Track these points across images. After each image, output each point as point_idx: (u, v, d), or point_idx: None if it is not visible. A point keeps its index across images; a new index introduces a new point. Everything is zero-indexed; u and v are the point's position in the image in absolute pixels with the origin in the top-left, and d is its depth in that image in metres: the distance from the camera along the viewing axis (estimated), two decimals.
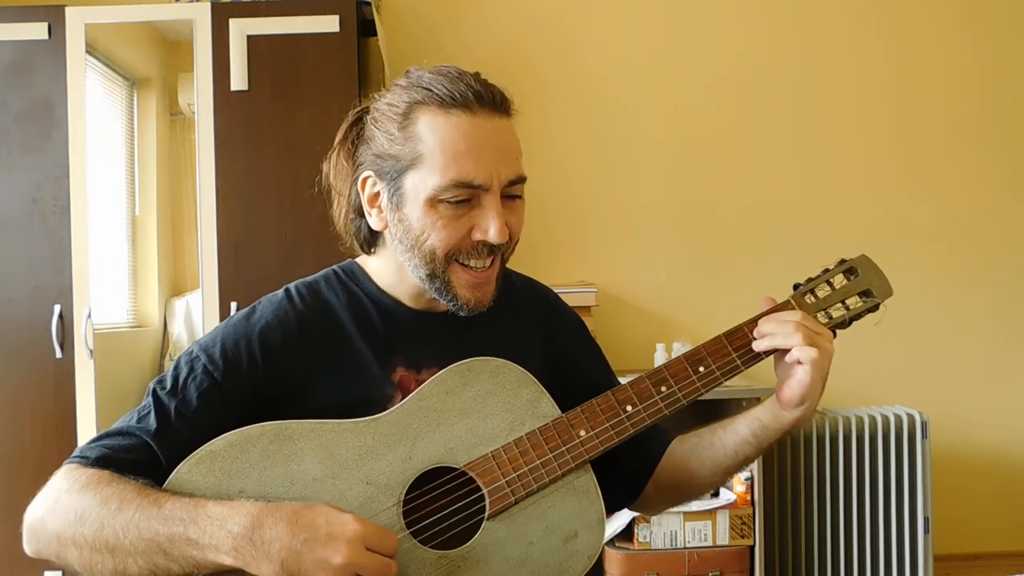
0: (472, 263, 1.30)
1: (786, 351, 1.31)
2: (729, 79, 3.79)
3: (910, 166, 3.82)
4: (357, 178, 1.35)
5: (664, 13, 3.79)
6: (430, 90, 1.28)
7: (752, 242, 3.77)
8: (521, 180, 1.32)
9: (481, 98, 1.28)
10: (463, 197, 1.27)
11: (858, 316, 1.39)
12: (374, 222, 1.34)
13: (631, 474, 1.48)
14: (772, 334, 1.31)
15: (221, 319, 3.13)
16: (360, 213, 1.37)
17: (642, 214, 3.78)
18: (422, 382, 1.30)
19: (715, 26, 3.80)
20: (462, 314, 1.33)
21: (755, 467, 3.12)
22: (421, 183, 1.27)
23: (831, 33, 3.81)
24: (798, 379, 1.29)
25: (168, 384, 1.30)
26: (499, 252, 1.32)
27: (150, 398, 1.29)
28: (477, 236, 1.29)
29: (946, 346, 3.80)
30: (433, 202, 1.27)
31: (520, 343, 1.43)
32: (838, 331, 1.38)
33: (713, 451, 1.44)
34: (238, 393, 1.29)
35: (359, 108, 1.40)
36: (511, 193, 1.31)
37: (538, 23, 3.76)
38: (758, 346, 1.32)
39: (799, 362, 1.29)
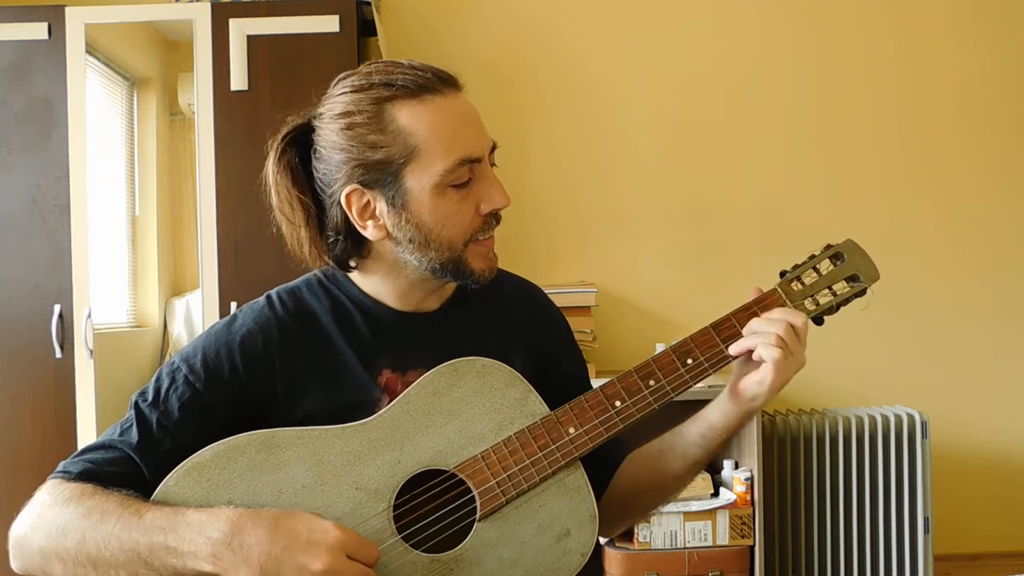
0: (482, 236, 1.31)
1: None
2: (729, 78, 3.79)
3: (910, 167, 3.81)
4: (335, 198, 1.30)
5: (663, 13, 3.79)
6: (392, 85, 1.27)
7: (753, 242, 3.76)
8: (496, 146, 1.34)
9: (441, 79, 1.29)
10: (467, 176, 1.28)
11: (845, 301, 1.37)
12: (371, 233, 1.30)
13: (593, 481, 1.47)
14: (755, 333, 1.30)
15: (221, 319, 3.13)
16: (340, 232, 1.32)
17: (642, 214, 3.77)
18: (408, 384, 1.29)
19: (714, 25, 3.79)
20: (474, 287, 1.34)
21: (755, 467, 3.12)
22: (424, 174, 1.26)
23: (833, 30, 3.80)
24: (760, 375, 1.28)
25: (150, 396, 1.29)
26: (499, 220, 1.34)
27: (132, 411, 1.28)
28: (485, 208, 1.30)
29: (946, 346, 3.79)
30: (440, 189, 1.27)
31: (506, 341, 1.42)
32: (826, 317, 1.37)
33: (662, 457, 1.43)
34: (220, 403, 1.28)
35: (283, 135, 1.34)
36: (491, 161, 1.34)
37: (538, 23, 3.76)
38: (734, 349, 1.31)
39: (764, 360, 1.27)
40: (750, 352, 1.30)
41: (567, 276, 3.67)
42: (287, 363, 1.31)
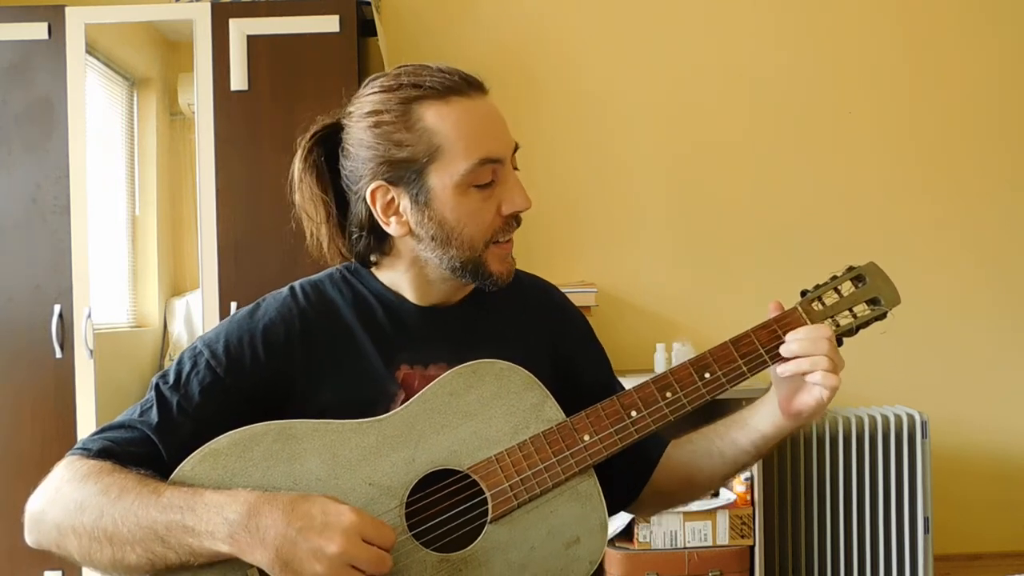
0: (503, 238, 1.33)
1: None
2: (727, 77, 3.79)
3: (910, 166, 3.82)
4: (360, 194, 1.33)
5: (662, 13, 3.79)
6: (420, 85, 1.29)
7: (752, 242, 3.77)
8: (518, 147, 1.37)
9: (468, 82, 1.32)
10: (489, 177, 1.29)
11: (865, 324, 1.37)
12: (393, 229, 1.33)
13: (629, 478, 1.48)
14: (801, 356, 1.30)
15: (221, 319, 3.13)
16: (363, 227, 1.35)
17: (642, 214, 3.78)
18: (428, 377, 1.30)
19: (713, 24, 3.79)
20: (491, 290, 1.35)
21: (755, 467, 3.11)
22: (447, 173, 1.28)
23: (834, 28, 3.81)
24: (815, 398, 1.30)
25: (171, 379, 1.30)
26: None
27: (153, 392, 1.30)
28: (507, 210, 1.31)
29: (946, 346, 3.80)
30: (463, 188, 1.29)
31: (526, 340, 1.43)
32: (844, 339, 1.37)
33: (711, 460, 1.45)
34: (240, 390, 1.30)
35: (312, 134, 1.38)
36: (513, 164, 1.36)
37: (537, 23, 3.76)
38: (784, 370, 1.31)
39: (821, 385, 1.28)
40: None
41: (567, 276, 3.67)
42: (307, 354, 1.33)
